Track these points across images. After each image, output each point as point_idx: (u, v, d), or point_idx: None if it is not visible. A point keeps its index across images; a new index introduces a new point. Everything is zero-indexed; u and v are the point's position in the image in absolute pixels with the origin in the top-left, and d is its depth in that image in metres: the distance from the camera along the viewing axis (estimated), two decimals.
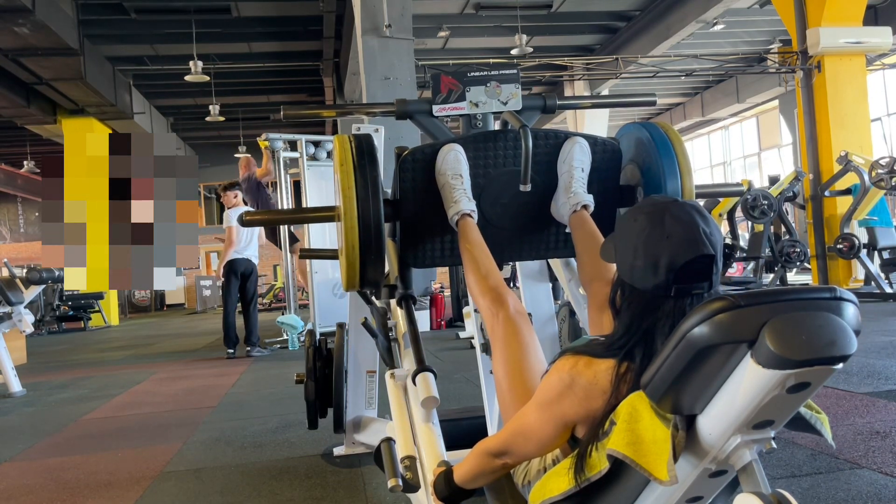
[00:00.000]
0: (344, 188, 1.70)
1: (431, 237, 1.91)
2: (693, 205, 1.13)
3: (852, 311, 0.90)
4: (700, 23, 11.69)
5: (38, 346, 9.79)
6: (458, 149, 1.82)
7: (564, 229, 1.92)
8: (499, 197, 1.89)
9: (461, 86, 1.95)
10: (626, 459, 0.99)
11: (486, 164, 1.87)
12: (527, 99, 2.00)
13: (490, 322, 1.55)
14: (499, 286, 1.59)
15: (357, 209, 1.68)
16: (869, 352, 4.49)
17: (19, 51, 9.81)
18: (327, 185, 7.64)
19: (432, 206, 1.84)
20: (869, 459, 2.42)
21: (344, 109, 2.23)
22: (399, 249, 1.94)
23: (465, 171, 1.82)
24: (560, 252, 2.01)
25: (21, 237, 22.09)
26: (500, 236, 1.91)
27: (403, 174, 1.84)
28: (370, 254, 1.70)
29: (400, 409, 1.77)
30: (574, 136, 1.88)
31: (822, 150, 9.52)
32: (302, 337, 7.12)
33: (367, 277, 1.76)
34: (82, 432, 3.85)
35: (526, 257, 2.03)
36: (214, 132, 18.80)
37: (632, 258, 1.12)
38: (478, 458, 1.33)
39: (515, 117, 1.77)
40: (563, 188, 1.85)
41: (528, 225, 1.93)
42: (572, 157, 1.85)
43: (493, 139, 1.86)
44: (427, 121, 2.03)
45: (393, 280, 1.93)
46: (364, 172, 1.71)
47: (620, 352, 1.12)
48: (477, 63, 10.83)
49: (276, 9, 11.32)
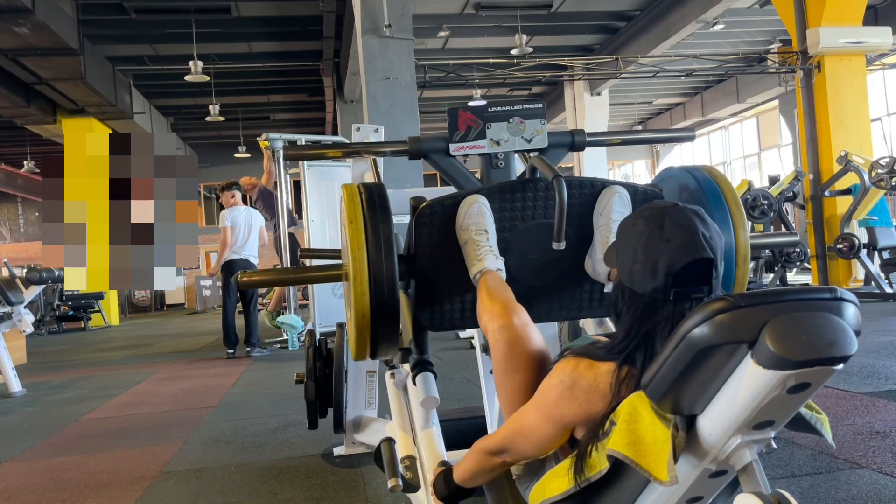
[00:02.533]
0: (353, 249, 1.53)
1: (451, 298, 1.70)
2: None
3: (852, 312, 0.90)
4: (700, 23, 11.69)
5: (38, 346, 9.79)
6: (482, 201, 1.64)
7: (600, 287, 1.74)
8: (527, 252, 1.70)
9: (481, 122, 1.78)
10: (626, 460, 0.99)
11: (514, 217, 1.68)
12: (553, 136, 1.82)
13: (493, 337, 1.44)
14: (507, 301, 1.50)
15: (368, 273, 1.51)
16: (869, 352, 4.49)
17: (19, 51, 9.81)
18: (327, 186, 7.65)
19: (452, 264, 1.65)
20: (869, 459, 2.42)
21: (351, 150, 2.10)
22: (413, 309, 1.74)
23: (490, 225, 1.63)
24: (595, 312, 1.81)
25: (21, 237, 22.09)
26: (528, 295, 1.70)
27: (420, 229, 1.65)
28: (383, 323, 1.54)
29: (400, 409, 1.77)
30: (613, 186, 1.69)
31: (822, 150, 9.52)
32: (302, 337, 7.12)
33: (378, 348, 1.61)
34: (82, 432, 3.85)
35: (556, 317, 1.81)
36: (214, 132, 18.80)
37: (631, 261, 1.12)
38: (476, 456, 1.33)
39: (547, 165, 1.57)
40: (599, 243, 1.65)
41: (560, 282, 1.73)
42: (611, 209, 1.66)
43: (521, 189, 1.66)
44: (444, 161, 1.85)
45: (406, 343, 1.74)
46: (377, 231, 1.53)
47: (621, 355, 1.12)
48: (477, 63, 10.84)
49: (276, 9, 11.32)
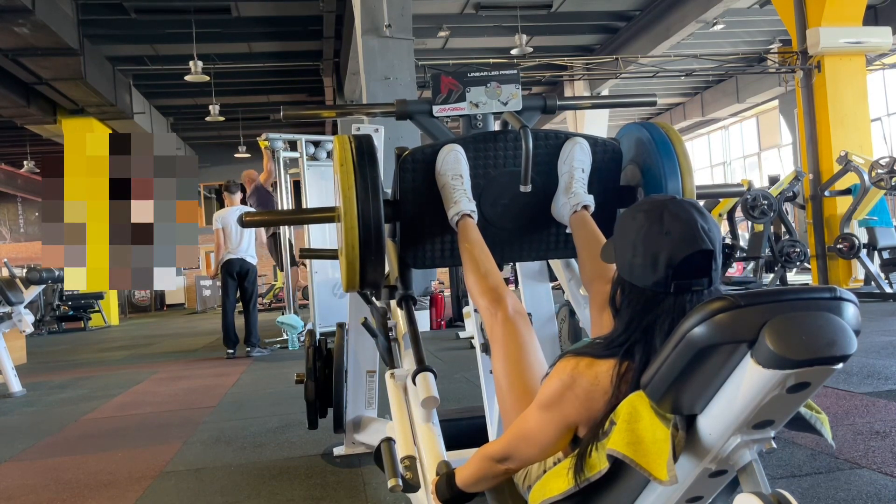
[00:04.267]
0: (344, 188, 1.69)
1: (432, 238, 1.91)
2: (692, 202, 1.13)
3: (852, 311, 0.90)
4: (700, 23, 11.69)
5: (38, 346, 9.79)
6: (458, 149, 1.82)
7: (565, 230, 1.91)
8: (499, 197, 1.88)
9: (461, 86, 1.95)
10: (626, 459, 0.99)
11: (487, 165, 1.86)
12: (527, 99, 1.99)
13: (489, 322, 1.55)
14: (498, 286, 1.59)
15: (357, 209, 1.67)
16: (869, 352, 4.49)
17: (19, 51, 9.81)
18: (327, 185, 7.64)
19: (432, 207, 1.83)
20: (869, 459, 2.42)
21: (343, 109, 2.23)
22: (399, 250, 1.93)
23: (465, 171, 1.81)
24: (560, 252, 2.01)
25: (21, 237, 22.08)
26: (500, 237, 1.91)
27: (403, 175, 1.83)
28: (370, 254, 1.70)
29: (400, 409, 1.77)
30: (574, 137, 1.87)
31: (822, 150, 9.52)
32: (302, 337, 7.12)
33: (367, 278, 1.75)
34: (82, 432, 3.85)
35: (526, 258, 2.03)
36: (214, 132, 18.79)
37: (631, 255, 1.12)
38: (480, 463, 1.33)
39: (516, 118, 1.77)
40: (563, 189, 1.84)
41: (529, 225, 1.92)
42: (573, 157, 1.84)
43: (493, 139, 1.85)
44: (427, 121, 2.02)
45: (393, 281, 1.92)
46: (364, 173, 1.70)
47: (620, 349, 1.11)
48: (477, 63, 10.83)
49: (276, 9, 11.32)
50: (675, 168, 1.79)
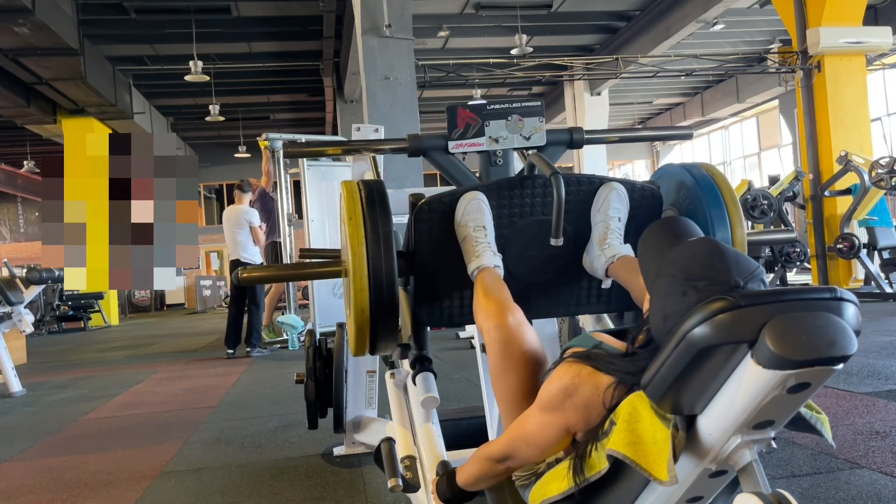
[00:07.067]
0: (353, 245, 1.53)
1: (449, 294, 1.71)
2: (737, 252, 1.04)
3: (852, 312, 0.90)
4: (700, 23, 11.69)
5: (38, 346, 9.79)
6: (480, 197, 1.63)
7: (598, 283, 1.73)
8: (525, 249, 1.69)
9: (480, 120, 1.79)
10: (626, 459, 0.99)
11: (512, 214, 1.67)
12: (551, 133, 1.83)
13: (489, 336, 1.43)
14: (503, 299, 1.47)
15: (368, 269, 1.51)
16: (869, 352, 4.49)
17: (19, 51, 9.82)
18: (327, 186, 7.66)
19: (451, 261, 1.64)
20: (869, 459, 2.42)
21: (350, 146, 2.11)
22: (412, 304, 1.74)
23: (488, 222, 1.63)
24: (593, 308, 1.81)
25: (21, 237, 22.09)
26: (525, 291, 1.70)
27: (419, 225, 1.65)
28: (382, 318, 1.54)
29: (400, 409, 1.77)
30: (611, 182, 1.69)
31: (822, 150, 9.52)
32: (302, 337, 7.12)
33: (378, 344, 1.61)
34: (82, 432, 3.85)
35: (554, 313, 1.83)
36: (214, 132, 18.81)
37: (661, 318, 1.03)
38: (480, 462, 1.33)
39: (545, 162, 1.57)
40: (597, 240, 1.66)
41: (558, 278, 1.74)
42: (608, 205, 1.66)
43: (519, 186, 1.66)
44: (443, 159, 1.85)
45: (405, 339, 1.74)
46: (376, 227, 1.54)
47: (626, 377, 1.08)
48: (477, 63, 10.83)
49: (276, 9, 11.32)
50: (723, 217, 1.66)
